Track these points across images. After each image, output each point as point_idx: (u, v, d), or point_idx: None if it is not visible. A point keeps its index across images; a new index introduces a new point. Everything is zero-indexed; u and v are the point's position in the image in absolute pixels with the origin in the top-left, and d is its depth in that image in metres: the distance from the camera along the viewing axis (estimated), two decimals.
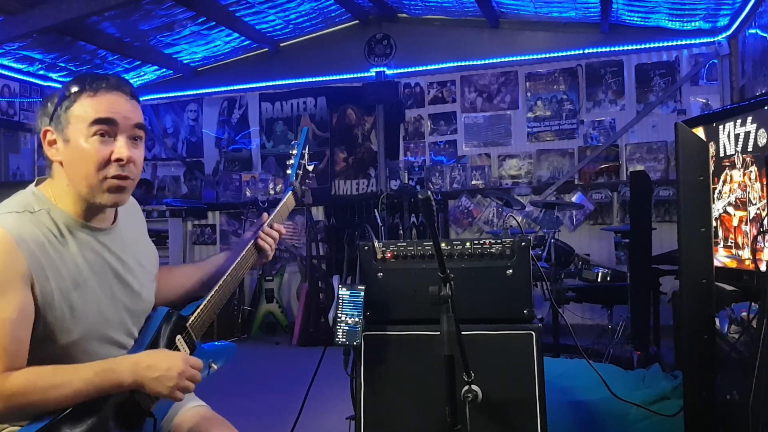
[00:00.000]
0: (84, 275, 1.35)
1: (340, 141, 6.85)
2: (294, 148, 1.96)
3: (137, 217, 1.63)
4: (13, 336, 1.23)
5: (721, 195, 2.54)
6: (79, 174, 1.33)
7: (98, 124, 1.32)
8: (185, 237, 7.07)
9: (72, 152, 1.33)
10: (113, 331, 1.41)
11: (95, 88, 1.33)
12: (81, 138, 1.32)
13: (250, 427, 1.72)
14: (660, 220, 5.62)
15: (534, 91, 6.30)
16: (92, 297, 1.36)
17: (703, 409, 2.02)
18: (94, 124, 1.32)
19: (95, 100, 1.33)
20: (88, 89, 1.33)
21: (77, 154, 1.33)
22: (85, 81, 1.35)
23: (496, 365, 1.81)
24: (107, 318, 1.38)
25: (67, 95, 1.34)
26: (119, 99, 1.35)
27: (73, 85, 1.34)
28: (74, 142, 1.33)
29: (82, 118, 1.32)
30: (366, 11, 6.59)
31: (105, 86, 1.34)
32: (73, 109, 1.33)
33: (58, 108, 1.34)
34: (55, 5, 5.03)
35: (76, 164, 1.33)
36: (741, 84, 5.44)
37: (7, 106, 6.30)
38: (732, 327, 2.33)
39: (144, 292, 1.51)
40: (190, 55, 6.92)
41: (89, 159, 1.32)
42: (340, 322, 1.82)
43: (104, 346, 1.38)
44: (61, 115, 1.33)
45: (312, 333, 5.71)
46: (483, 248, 1.91)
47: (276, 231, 1.76)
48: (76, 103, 1.33)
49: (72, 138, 1.33)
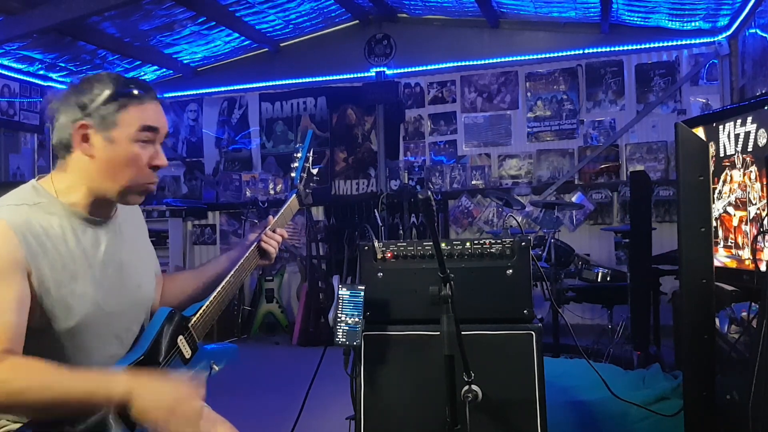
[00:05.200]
0: (81, 266, 1.36)
1: (340, 141, 6.85)
2: (298, 151, 1.98)
3: (137, 217, 1.64)
4: (10, 320, 1.23)
5: (721, 195, 2.54)
6: (117, 174, 1.38)
7: (147, 131, 1.40)
8: (185, 237, 7.07)
9: (115, 153, 1.37)
10: (111, 324, 1.41)
11: (143, 95, 1.40)
12: (127, 141, 1.38)
13: (250, 427, 1.72)
14: (660, 220, 5.63)
15: (534, 91, 6.30)
16: (89, 288, 1.36)
17: (703, 409, 2.02)
18: (143, 131, 1.39)
19: (145, 107, 1.40)
20: (138, 95, 1.39)
21: (122, 155, 1.38)
22: (130, 85, 1.40)
23: (496, 365, 1.81)
24: (104, 310, 1.38)
25: (115, 97, 1.37)
26: (160, 109, 1.44)
27: (122, 87, 1.38)
28: (121, 144, 1.37)
29: (131, 123, 1.38)
30: (366, 11, 6.59)
31: (152, 95, 1.42)
32: (123, 113, 1.37)
33: (104, 107, 1.36)
34: (55, 5, 5.03)
35: (116, 164, 1.38)
36: (741, 84, 5.44)
37: (7, 106, 6.29)
38: (732, 327, 2.33)
39: (143, 286, 1.52)
40: (190, 55, 6.92)
41: (134, 162, 1.39)
42: (340, 322, 1.82)
43: (102, 338, 1.39)
44: (107, 116, 1.36)
45: (312, 333, 5.71)
46: (483, 248, 1.91)
47: (279, 235, 1.79)
48: (128, 107, 1.37)
49: (118, 140, 1.37)
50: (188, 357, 1.53)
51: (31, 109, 6.54)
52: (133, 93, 1.39)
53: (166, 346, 1.47)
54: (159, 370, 1.43)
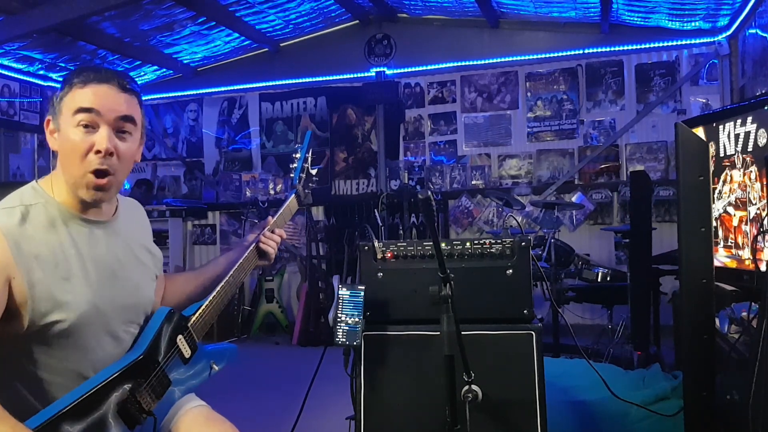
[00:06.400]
0: (75, 266, 1.36)
1: (340, 141, 6.85)
2: (297, 151, 1.98)
3: (141, 218, 1.64)
4: None
5: (721, 195, 2.54)
6: (66, 164, 1.37)
7: (81, 113, 1.33)
8: (185, 237, 7.07)
9: (61, 142, 1.36)
10: (108, 323, 1.41)
11: (86, 79, 1.35)
12: (68, 127, 1.35)
13: (250, 427, 1.72)
14: (660, 220, 5.63)
15: (534, 91, 6.30)
16: (83, 287, 1.36)
17: (703, 409, 2.02)
18: (77, 113, 1.34)
19: (83, 90, 1.35)
20: (81, 80, 1.35)
21: (64, 144, 1.35)
22: (81, 72, 1.37)
23: (496, 365, 1.81)
24: (100, 309, 1.38)
25: (63, 86, 1.37)
26: (109, 90, 1.36)
27: (70, 76, 1.38)
28: (63, 132, 1.36)
29: (69, 107, 1.35)
30: (366, 11, 6.58)
31: (95, 78, 1.36)
32: (65, 99, 1.36)
33: (55, 98, 1.38)
34: (55, 5, 5.03)
35: (63, 154, 1.37)
36: (741, 84, 5.44)
37: (7, 106, 6.29)
38: (732, 327, 2.33)
39: (142, 287, 1.52)
40: (190, 55, 6.92)
41: (72, 148, 1.34)
42: (340, 322, 1.82)
43: (99, 338, 1.39)
44: (55, 104, 1.37)
45: (312, 333, 5.71)
46: (483, 248, 1.91)
47: (278, 235, 1.80)
48: (69, 93, 1.36)
49: (62, 127, 1.36)
50: (188, 357, 1.53)
51: (31, 109, 6.54)
52: (77, 79, 1.35)
53: (166, 346, 1.48)
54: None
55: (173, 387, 1.49)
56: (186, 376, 1.54)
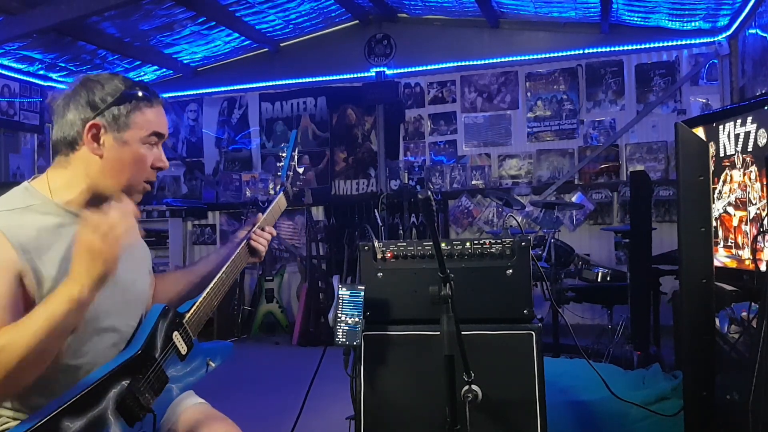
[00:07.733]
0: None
1: (340, 141, 6.85)
2: (283, 150, 2.01)
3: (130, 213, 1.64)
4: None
5: (721, 195, 2.54)
6: (122, 173, 1.42)
7: (155, 135, 1.46)
8: (185, 237, 7.07)
9: (126, 154, 1.42)
10: (109, 318, 1.42)
11: (152, 99, 1.46)
12: (135, 142, 1.43)
13: (250, 427, 1.72)
14: (660, 220, 5.63)
15: (534, 91, 6.30)
16: None
17: (703, 409, 2.02)
18: (152, 135, 1.45)
19: (154, 111, 1.46)
20: (147, 99, 1.44)
21: (131, 156, 1.43)
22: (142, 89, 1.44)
23: (496, 365, 1.81)
24: (101, 305, 1.38)
25: (128, 98, 1.41)
26: (162, 112, 1.50)
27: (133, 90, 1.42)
28: (132, 146, 1.43)
29: (143, 127, 1.43)
30: (366, 11, 6.59)
31: (158, 98, 1.49)
32: (133, 116, 1.42)
33: (116, 108, 1.40)
34: (55, 5, 5.03)
35: (123, 164, 1.42)
36: (741, 84, 5.44)
37: (7, 106, 6.29)
38: (732, 327, 2.33)
39: (138, 282, 1.54)
40: (190, 55, 6.92)
41: (142, 164, 1.45)
42: (340, 322, 1.82)
43: (100, 332, 1.40)
44: (120, 117, 1.40)
45: (312, 333, 5.71)
46: (483, 248, 1.91)
47: (268, 233, 1.83)
48: (139, 111, 1.43)
49: (130, 141, 1.42)
50: (184, 353, 1.54)
51: (31, 109, 6.54)
52: (144, 96, 1.44)
53: (162, 342, 1.49)
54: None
55: (171, 384, 1.50)
56: (183, 373, 1.55)
